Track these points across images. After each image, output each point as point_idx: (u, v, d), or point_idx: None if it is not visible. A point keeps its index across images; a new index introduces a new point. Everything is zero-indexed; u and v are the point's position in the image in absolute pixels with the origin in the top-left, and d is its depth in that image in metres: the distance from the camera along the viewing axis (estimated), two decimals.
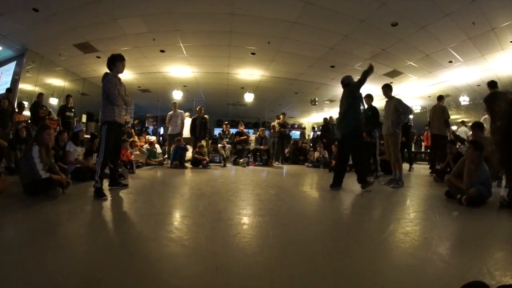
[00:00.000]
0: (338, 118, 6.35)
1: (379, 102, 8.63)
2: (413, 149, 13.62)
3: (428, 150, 12.82)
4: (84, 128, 7.49)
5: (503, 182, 6.72)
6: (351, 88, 6.29)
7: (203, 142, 11.52)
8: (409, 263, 2.39)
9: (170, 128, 11.69)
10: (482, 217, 4.06)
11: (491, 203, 4.73)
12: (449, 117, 9.19)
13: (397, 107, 6.68)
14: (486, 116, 9.13)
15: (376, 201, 5.42)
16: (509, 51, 10.61)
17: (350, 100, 6.14)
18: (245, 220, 3.52)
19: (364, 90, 6.41)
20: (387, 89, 7.04)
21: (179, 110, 11.79)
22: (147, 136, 13.43)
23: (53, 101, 14.76)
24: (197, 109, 12.23)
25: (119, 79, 5.18)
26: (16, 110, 9.70)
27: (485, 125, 7.31)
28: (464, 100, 15.39)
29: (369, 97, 8.51)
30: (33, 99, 10.87)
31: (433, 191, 6.10)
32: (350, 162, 6.73)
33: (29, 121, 10.01)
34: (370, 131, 8.23)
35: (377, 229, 3.37)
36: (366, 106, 8.26)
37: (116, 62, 5.14)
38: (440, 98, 9.45)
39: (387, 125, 6.87)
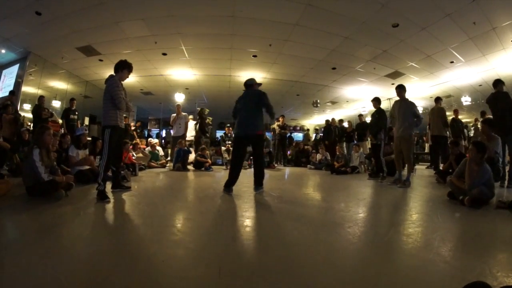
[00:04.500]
0: (242, 117, 5.95)
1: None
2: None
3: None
4: (87, 132, 7.46)
5: (506, 183, 6.71)
6: (259, 97, 6.13)
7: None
8: (411, 264, 2.39)
9: (173, 130, 11.74)
10: (484, 218, 4.05)
11: (493, 204, 4.72)
12: (447, 119, 9.24)
13: (414, 111, 6.79)
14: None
15: (378, 203, 5.43)
16: (510, 51, 10.64)
17: (254, 106, 5.99)
18: (248, 222, 3.54)
19: (370, 93, 6.40)
20: (401, 90, 7.11)
21: (183, 113, 11.83)
22: (149, 139, 13.47)
23: (56, 104, 14.83)
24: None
25: (121, 83, 5.19)
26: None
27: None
28: (466, 100, 15.37)
29: (377, 100, 8.63)
30: (35, 102, 10.92)
31: (436, 192, 6.08)
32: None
33: (30, 123, 10.06)
34: (376, 133, 8.29)
35: (380, 231, 3.38)
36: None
37: (124, 69, 5.13)
38: (438, 99, 9.52)
39: (402, 126, 6.90)
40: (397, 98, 7.21)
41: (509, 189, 6.30)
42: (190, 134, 12.06)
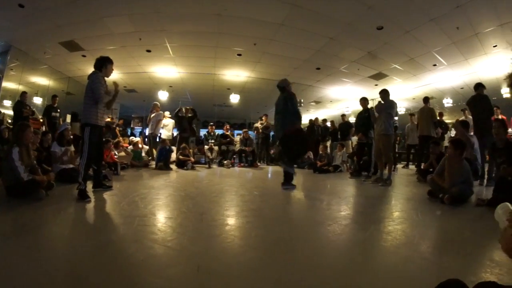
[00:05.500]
0: (275, 121, 6.52)
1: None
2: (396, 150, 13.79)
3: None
4: (69, 127, 7.33)
5: (485, 181, 6.90)
6: (290, 99, 6.39)
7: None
8: (390, 261, 2.44)
9: (149, 128, 11.85)
10: (463, 215, 4.16)
11: (472, 202, 4.85)
12: (437, 119, 9.44)
13: (390, 111, 6.98)
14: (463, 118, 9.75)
15: (359, 201, 5.50)
16: (491, 56, 10.87)
17: (283, 108, 6.32)
18: (228, 221, 3.55)
19: (353, 93, 6.55)
20: (385, 94, 7.30)
21: (160, 111, 11.96)
22: (131, 138, 13.37)
23: (37, 101, 14.54)
24: (184, 109, 12.22)
25: (105, 81, 5.14)
26: None
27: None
28: (448, 102, 15.78)
29: (365, 100, 8.83)
30: (16, 98, 10.69)
31: (416, 191, 6.20)
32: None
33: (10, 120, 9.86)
34: (366, 132, 8.42)
35: (360, 228, 3.42)
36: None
37: (108, 65, 5.09)
38: (426, 100, 9.71)
39: (381, 125, 7.09)
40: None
41: (488, 187, 6.46)
42: (167, 132, 12.09)
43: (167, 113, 12.60)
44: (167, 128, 12.14)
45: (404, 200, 5.48)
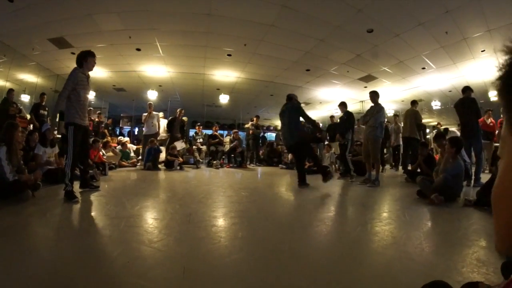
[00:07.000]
0: (284, 130, 7.25)
1: (352, 106, 8.91)
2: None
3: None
4: (50, 127, 7.25)
5: (472, 182, 7.09)
6: (296, 108, 7.16)
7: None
8: (377, 262, 2.45)
9: (145, 129, 11.64)
10: (451, 216, 4.19)
11: (460, 202, 4.93)
12: (421, 121, 9.53)
13: (377, 115, 7.14)
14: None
15: (346, 202, 5.54)
16: (479, 60, 11.00)
17: (294, 117, 6.94)
18: (215, 222, 3.54)
19: (343, 95, 6.62)
20: (374, 95, 7.49)
21: (154, 112, 11.79)
22: (119, 137, 13.29)
23: (25, 98, 14.32)
24: (177, 111, 12.24)
25: (88, 77, 5.08)
26: None
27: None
28: (436, 104, 16.02)
29: (343, 105, 9.06)
30: (3, 95, 10.53)
31: (404, 191, 6.26)
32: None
33: None
34: (343, 133, 8.50)
35: (347, 230, 3.44)
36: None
37: (88, 58, 5.05)
38: (414, 103, 9.78)
39: (370, 128, 7.25)
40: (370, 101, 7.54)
41: (475, 188, 6.56)
42: (161, 132, 12.06)
43: (161, 114, 12.59)
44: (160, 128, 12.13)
45: (391, 201, 5.53)
